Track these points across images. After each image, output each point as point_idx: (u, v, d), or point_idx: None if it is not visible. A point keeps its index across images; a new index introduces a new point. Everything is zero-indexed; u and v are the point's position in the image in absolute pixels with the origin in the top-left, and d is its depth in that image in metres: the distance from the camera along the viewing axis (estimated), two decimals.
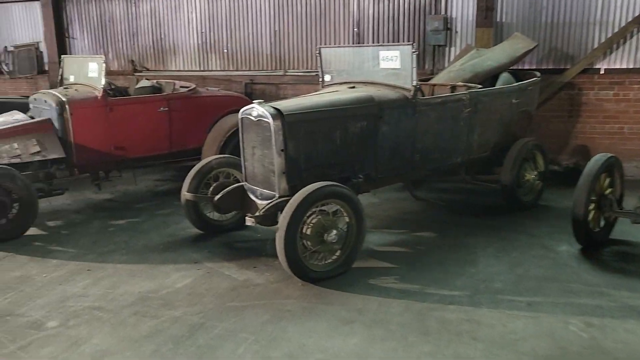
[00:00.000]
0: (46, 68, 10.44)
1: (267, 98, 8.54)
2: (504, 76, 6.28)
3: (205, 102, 6.99)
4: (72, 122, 5.92)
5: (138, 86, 7.17)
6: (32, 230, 5.50)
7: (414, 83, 4.89)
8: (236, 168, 5.46)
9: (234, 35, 9.15)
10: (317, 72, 8.51)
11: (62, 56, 6.86)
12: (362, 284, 4.19)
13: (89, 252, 5.01)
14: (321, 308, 3.82)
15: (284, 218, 4.07)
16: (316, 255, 4.31)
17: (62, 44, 10.03)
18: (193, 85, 7.04)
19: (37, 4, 10.23)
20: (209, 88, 7.56)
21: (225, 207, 5.07)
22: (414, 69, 4.85)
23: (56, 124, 5.95)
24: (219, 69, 9.40)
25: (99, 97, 6.04)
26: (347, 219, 4.41)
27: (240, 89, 8.90)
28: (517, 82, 6.17)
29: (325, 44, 8.62)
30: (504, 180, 5.78)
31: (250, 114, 4.68)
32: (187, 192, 5.19)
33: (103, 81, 6.02)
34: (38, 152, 5.67)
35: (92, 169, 6.30)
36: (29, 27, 10.52)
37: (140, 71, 9.77)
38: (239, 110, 7.49)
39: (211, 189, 5.29)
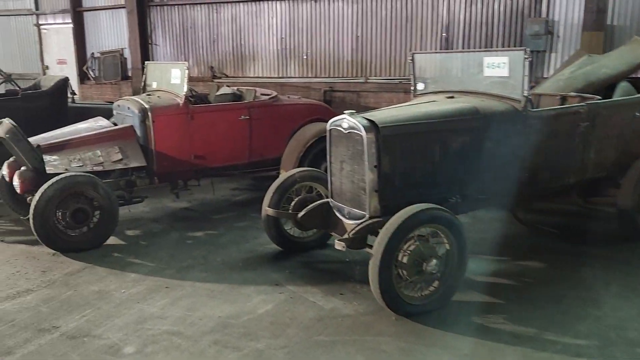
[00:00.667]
0: (129, 74, 10.61)
1: (346, 106, 8.17)
2: (623, 86, 5.54)
3: (286, 110, 6.70)
4: (154, 129, 5.79)
5: (218, 93, 6.99)
6: (111, 239, 5.39)
7: (525, 93, 4.32)
8: (320, 182, 5.09)
9: (314, 41, 8.86)
10: (401, 79, 8.14)
11: (146, 62, 6.80)
12: (465, 322, 3.68)
13: (167, 266, 4.79)
14: (421, 350, 3.35)
15: (379, 244, 3.64)
16: (412, 285, 3.85)
17: (145, 51, 10.15)
18: (274, 93, 6.77)
19: (123, 11, 10.43)
20: (290, 96, 7.27)
21: (308, 224, 4.71)
22: (526, 78, 4.28)
23: (138, 132, 5.84)
24: (297, 75, 9.14)
25: (180, 105, 5.87)
26: (447, 246, 3.91)
27: (319, 96, 8.58)
28: (638, 92, 5.42)
29: (410, 50, 8.13)
30: (621, 205, 5.05)
31: (340, 126, 4.28)
32: (269, 207, 4.87)
33: (185, 88, 5.85)
34: (120, 160, 5.57)
35: (172, 178, 6.14)
36: (114, 33, 10.76)
37: (219, 77, 9.69)
38: (319, 120, 7.29)
39: (293, 204, 4.96)
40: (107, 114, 8.16)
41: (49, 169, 5.20)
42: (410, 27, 8.06)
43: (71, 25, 11.01)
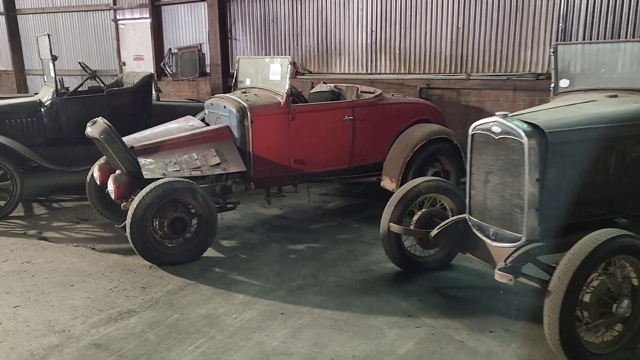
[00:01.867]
0: (207, 70, 10.25)
1: (445, 105, 7.46)
2: None
3: (392, 110, 6.04)
4: (253, 130, 5.27)
5: (314, 90, 6.43)
6: (208, 251, 4.91)
7: None
8: (447, 194, 4.44)
9: (408, 33, 8.16)
10: (509, 76, 7.35)
11: (238, 57, 6.31)
12: None
13: (276, 286, 4.25)
14: None
15: (560, 280, 2.93)
16: (593, 330, 3.12)
17: (225, 46, 9.74)
18: (379, 91, 6.13)
19: (202, 5, 10.07)
20: (393, 94, 6.62)
21: (441, 243, 4.05)
22: None
23: (235, 133, 5.34)
24: (388, 71, 8.47)
25: (282, 103, 5.33)
26: (635, 282, 3.17)
27: (414, 94, 7.88)
28: None
29: (519, 43, 7.31)
30: None
31: (488, 130, 3.59)
32: (392, 222, 4.25)
33: (287, 85, 5.30)
34: (218, 164, 5.08)
35: (268, 184, 5.63)
36: (192, 28, 10.42)
37: (303, 74, 9.14)
38: (425, 120, 6.60)
39: (415, 218, 4.32)
40: (191, 112, 7.83)
41: (146, 174, 4.77)
42: (520, 18, 7.23)
43: (149, 20, 10.76)
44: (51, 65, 6.74)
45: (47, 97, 6.83)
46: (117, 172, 4.92)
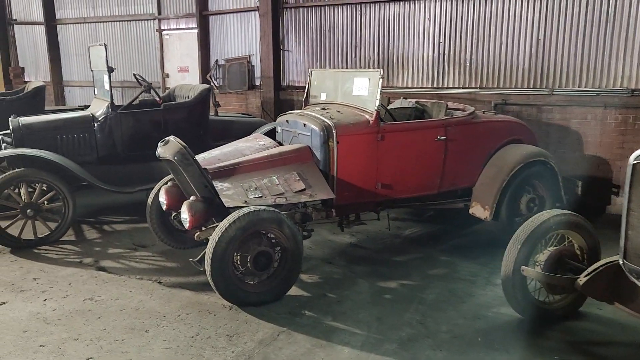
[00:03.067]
0: (256, 83, 9.74)
1: (525, 122, 6.80)
2: None
3: (485, 129, 5.44)
4: (338, 152, 4.69)
5: (393, 106, 5.85)
6: (291, 289, 4.33)
7: None
8: (579, 231, 3.81)
9: (481, 44, 7.55)
10: (598, 92, 6.71)
11: (311, 70, 5.76)
12: None
13: (382, 336, 3.65)
14: None
15: None
16: None
17: (277, 57, 9.24)
18: (471, 108, 5.53)
19: (253, 15, 9.59)
20: (484, 111, 6.00)
21: (590, 292, 3.41)
22: None
23: (317, 154, 4.77)
24: (457, 85, 7.86)
25: (371, 122, 4.75)
26: None
27: (488, 110, 7.24)
28: None
29: (609, 54, 6.65)
30: None
31: None
32: (520, 263, 3.62)
33: (378, 102, 4.72)
34: (302, 190, 4.50)
35: (350, 211, 5.04)
36: (241, 39, 9.94)
37: None
38: (517, 140, 5.98)
39: (542, 258, 3.70)
40: (249, 128, 7.32)
41: (226, 201, 4.22)
42: (610, 28, 6.59)
43: (195, 31, 10.32)
44: (106, 77, 6.28)
45: (100, 111, 6.35)
46: (192, 198, 4.38)
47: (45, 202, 5.71)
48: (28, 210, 5.57)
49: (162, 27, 10.90)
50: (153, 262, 5.15)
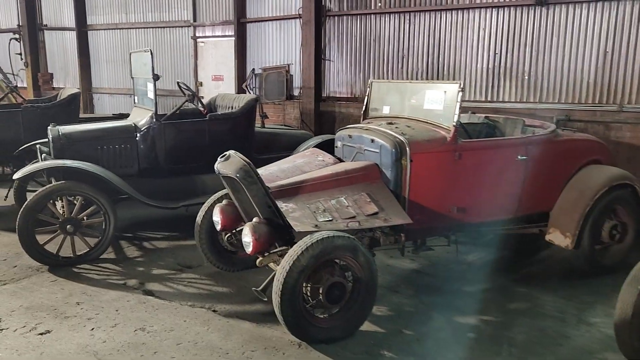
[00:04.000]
0: (295, 93, 9.38)
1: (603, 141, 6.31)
2: None
3: (565, 149, 4.98)
4: (411, 171, 4.27)
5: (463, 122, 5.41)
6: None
7: None
8: None
9: (541, 57, 7.11)
10: None
11: (371, 80, 5.36)
12: None
13: None
14: None
15: None
16: None
17: (318, 67, 8.87)
18: (551, 125, 5.08)
19: (293, 23, 9.25)
20: (563, 129, 5.55)
21: None
22: None
23: (387, 173, 4.35)
24: (514, 99, 7.42)
25: (448, 139, 4.32)
26: None
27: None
28: None
29: None
30: None
31: None
32: None
33: (457, 117, 4.30)
34: (375, 213, 4.08)
35: (421, 236, 4.61)
36: (280, 48, 9.60)
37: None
38: (596, 161, 5.52)
39: None
40: (295, 141, 6.95)
41: (295, 225, 3.80)
42: None
43: (231, 39, 10.01)
44: (151, 85, 5.94)
45: (143, 121, 6.00)
46: (255, 220, 3.97)
47: (85, 217, 5.37)
48: (68, 226, 5.21)
49: (197, 34, 10.61)
50: (203, 286, 4.76)
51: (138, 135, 5.97)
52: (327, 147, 6.56)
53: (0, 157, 7.69)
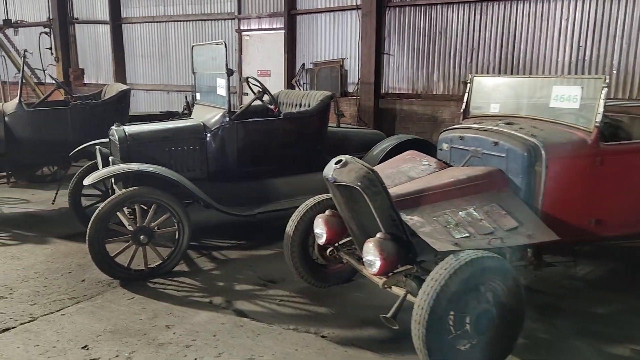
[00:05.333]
0: (349, 89, 8.86)
1: None
2: None
3: None
4: (547, 179, 3.75)
5: None
6: None
7: None
8: None
9: (633, 49, 6.55)
10: None
11: (472, 75, 4.84)
12: None
13: None
14: None
15: None
16: None
17: (378, 61, 8.35)
18: None
19: (349, 14, 8.72)
20: None
21: None
22: None
23: (517, 180, 3.82)
24: None
25: (589, 142, 3.79)
26: None
27: None
28: None
29: None
30: None
31: None
32: None
33: (599, 116, 3.76)
34: (515, 228, 3.55)
35: (549, 251, 4.09)
36: (333, 40, 9.08)
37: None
38: None
39: None
40: (368, 140, 6.46)
41: (432, 242, 3.29)
42: None
43: (279, 32, 9.50)
44: (223, 81, 5.45)
45: (213, 119, 5.51)
46: (379, 235, 3.46)
47: (157, 227, 4.89)
48: (142, 236, 4.73)
49: (242, 27, 10.09)
50: (298, 305, 4.26)
51: (208, 135, 5.49)
52: (406, 148, 6.08)
53: (46, 157, 7.26)
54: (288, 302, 4.33)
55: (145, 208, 4.83)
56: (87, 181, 4.76)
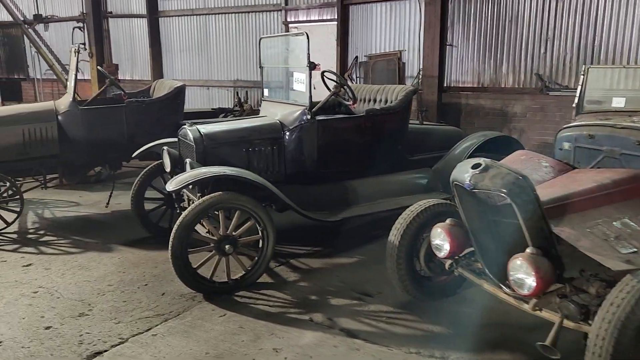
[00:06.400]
0: (407, 83, 8.40)
1: None
2: None
3: None
4: None
5: None
6: None
7: None
8: None
9: None
10: None
11: (585, 66, 4.38)
12: None
13: None
14: None
15: None
16: None
17: (441, 53, 7.89)
18: None
19: (407, 4, 8.24)
20: None
21: None
22: None
23: None
24: None
25: None
26: None
27: None
28: None
29: None
30: None
31: None
32: None
33: None
34: None
35: None
36: (390, 32, 8.61)
37: (550, 88, 7.16)
38: None
39: None
40: (446, 139, 6.03)
41: (602, 260, 2.85)
42: None
43: (330, 23, 9.06)
44: (302, 75, 5.04)
45: (291, 117, 5.09)
46: (529, 250, 3.03)
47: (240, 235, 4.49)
48: (227, 246, 4.33)
49: (289, 19, 9.66)
50: (408, 324, 3.84)
51: (286, 134, 5.08)
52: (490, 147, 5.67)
53: (99, 158, 6.89)
54: (395, 319, 3.92)
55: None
56: (170, 187, 4.36)
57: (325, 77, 5.47)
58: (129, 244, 5.55)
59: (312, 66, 4.89)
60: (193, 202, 4.69)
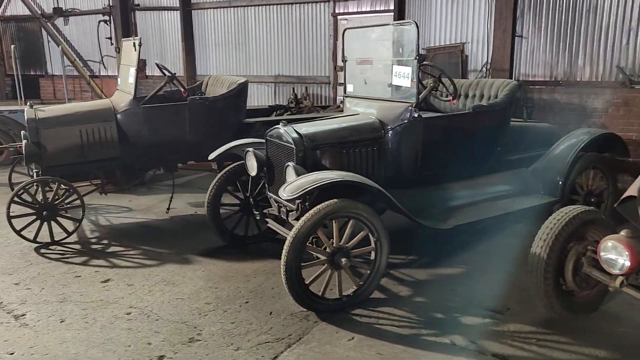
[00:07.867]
0: (470, 77, 7.95)
1: None
2: None
3: None
4: None
5: None
6: None
7: None
8: None
9: None
10: None
11: None
12: None
13: None
14: None
15: None
16: None
17: (511, 45, 7.44)
18: None
19: None
20: None
21: None
22: None
23: None
24: None
25: None
26: None
27: None
28: None
29: None
30: None
31: None
32: None
33: None
34: None
35: None
36: (451, 23, 8.13)
37: (633, 82, 6.74)
38: None
39: None
40: (541, 137, 5.61)
41: None
42: None
43: (385, 15, 8.59)
44: (408, 69, 4.57)
45: (394, 115, 4.64)
46: (623, 233, 2.63)
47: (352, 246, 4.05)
48: (343, 260, 3.88)
49: (338, 11, 9.18)
50: (564, 347, 3.43)
51: (388, 134, 4.63)
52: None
53: (158, 159, 6.42)
54: (546, 340, 3.50)
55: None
56: (285, 195, 3.90)
57: (426, 66, 5.03)
58: (208, 255, 5.10)
59: (420, 58, 4.44)
60: (288, 210, 4.31)
